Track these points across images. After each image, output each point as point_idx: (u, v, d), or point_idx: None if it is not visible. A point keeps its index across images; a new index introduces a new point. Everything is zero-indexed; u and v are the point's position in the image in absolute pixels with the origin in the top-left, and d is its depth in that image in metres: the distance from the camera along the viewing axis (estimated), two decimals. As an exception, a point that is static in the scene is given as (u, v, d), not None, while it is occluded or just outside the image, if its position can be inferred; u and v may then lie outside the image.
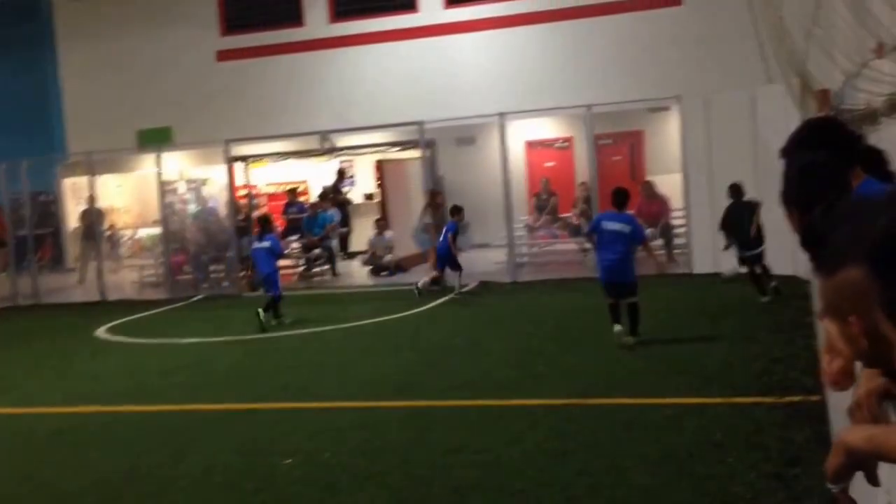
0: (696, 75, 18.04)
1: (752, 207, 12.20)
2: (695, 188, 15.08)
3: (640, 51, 19.56)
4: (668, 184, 16.42)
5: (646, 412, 7.48)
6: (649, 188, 16.81)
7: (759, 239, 12.18)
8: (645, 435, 6.83)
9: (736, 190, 12.52)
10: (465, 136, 19.37)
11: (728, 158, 14.60)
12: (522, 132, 19.92)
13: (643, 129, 20.24)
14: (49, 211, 23.80)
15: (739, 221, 12.22)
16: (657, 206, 16.35)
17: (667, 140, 18.34)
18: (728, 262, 13.70)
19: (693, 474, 5.91)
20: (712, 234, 14.85)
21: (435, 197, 16.30)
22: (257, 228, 13.86)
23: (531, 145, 21.00)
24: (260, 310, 12.64)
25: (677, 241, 16.32)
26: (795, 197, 2.95)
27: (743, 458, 6.14)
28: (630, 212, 10.80)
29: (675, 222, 16.36)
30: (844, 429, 1.87)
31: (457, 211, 14.86)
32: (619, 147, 20.32)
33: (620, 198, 10.16)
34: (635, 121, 19.58)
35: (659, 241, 16.47)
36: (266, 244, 13.09)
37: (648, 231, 15.97)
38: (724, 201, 14.63)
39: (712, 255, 14.85)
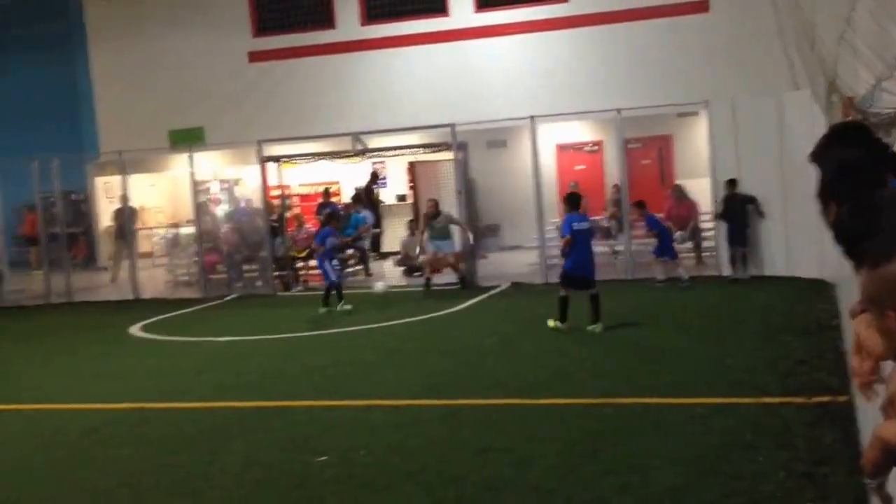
0: (724, 81, 18.11)
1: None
2: (722, 193, 15.12)
3: (669, 56, 19.67)
4: (697, 188, 16.48)
5: (674, 412, 7.51)
6: (679, 191, 16.86)
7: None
8: (674, 435, 6.86)
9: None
10: (497, 138, 19.51)
11: (755, 163, 14.69)
12: (553, 135, 20.03)
13: (672, 133, 20.32)
14: (81, 210, 24.16)
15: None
16: (686, 208, 16.40)
17: (695, 144, 18.39)
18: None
19: (722, 473, 5.93)
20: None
21: (436, 206, 16.52)
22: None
23: (562, 148, 21.12)
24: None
25: (706, 244, 16.38)
26: (834, 192, 2.95)
27: (772, 457, 6.14)
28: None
29: (704, 225, 16.41)
30: (881, 424, 1.90)
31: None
32: (649, 151, 20.40)
33: (578, 199, 11.75)
34: (664, 125, 19.65)
35: (688, 244, 16.57)
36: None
37: (678, 234, 16.08)
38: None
39: (742, 258, 14.95)
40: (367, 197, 20.23)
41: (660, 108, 16.99)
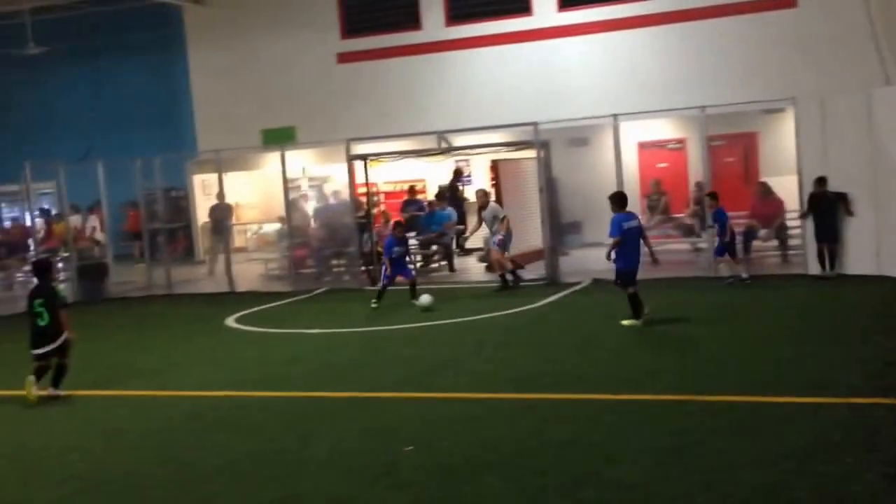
0: (812, 77, 17.91)
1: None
2: (810, 190, 15.00)
3: (755, 52, 19.51)
4: (782, 186, 16.34)
5: (761, 410, 7.45)
6: (765, 188, 16.77)
7: None
8: (760, 433, 6.83)
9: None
10: (579, 136, 19.62)
11: (844, 160, 14.52)
12: (635, 133, 20.04)
13: (757, 130, 20.12)
14: (180, 206, 25.13)
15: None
16: (772, 206, 16.29)
17: (781, 142, 18.20)
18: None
19: (809, 473, 5.90)
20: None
21: (485, 196, 16.61)
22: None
23: (643, 146, 21.11)
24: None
25: (792, 241, 16.26)
26: None
27: (861, 458, 6.10)
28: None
29: (790, 223, 16.29)
30: None
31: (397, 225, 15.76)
32: (733, 148, 20.23)
33: (624, 199, 11.79)
34: (749, 122, 19.47)
35: (774, 242, 16.47)
36: None
37: (763, 231, 16.02)
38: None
39: (829, 256, 14.82)
40: (451, 194, 20.55)
41: (745, 105, 16.87)
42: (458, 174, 21.29)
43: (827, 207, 14.50)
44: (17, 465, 7.43)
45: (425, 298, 14.06)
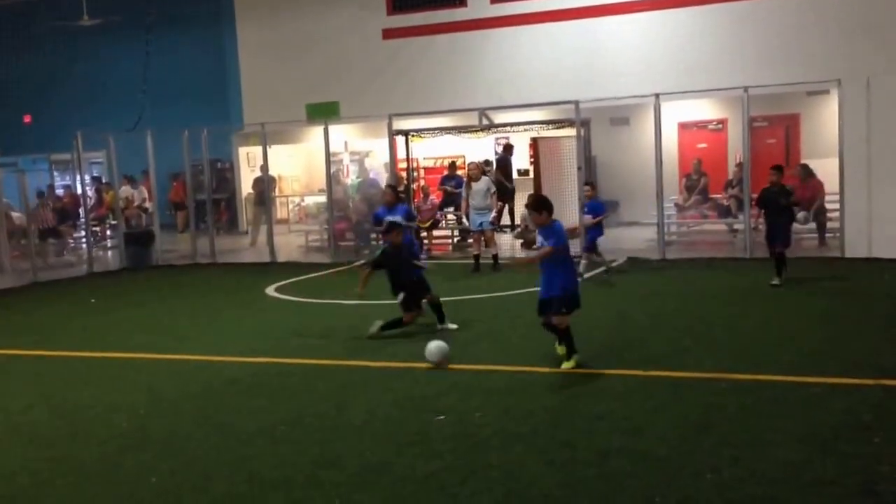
0: (857, 58, 17.72)
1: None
2: (851, 173, 14.93)
3: (799, 33, 19.33)
4: (824, 168, 16.26)
5: (792, 390, 7.47)
6: (805, 170, 16.71)
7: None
8: (790, 412, 6.87)
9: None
10: (619, 116, 19.62)
11: (888, 144, 14.42)
12: (675, 113, 19.98)
13: (799, 112, 19.97)
14: (225, 177, 25.57)
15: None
16: (812, 188, 16.25)
17: (824, 124, 18.09)
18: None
19: (838, 452, 5.92)
20: (867, 219, 14.76)
21: (478, 169, 16.52)
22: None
23: (684, 126, 21.04)
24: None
25: (830, 224, 16.20)
26: None
27: (891, 439, 6.13)
28: None
29: (829, 206, 16.23)
30: None
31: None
32: (774, 130, 20.12)
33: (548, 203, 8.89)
34: (792, 104, 19.34)
35: (811, 225, 16.42)
36: None
37: (801, 214, 15.95)
38: (883, 187, 14.47)
39: (866, 240, 14.78)
40: (501, 169, 20.52)
41: (789, 86, 16.77)
42: (508, 149, 21.22)
43: (784, 204, 12.72)
44: (65, 423, 7.74)
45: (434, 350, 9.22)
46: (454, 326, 10.74)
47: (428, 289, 10.99)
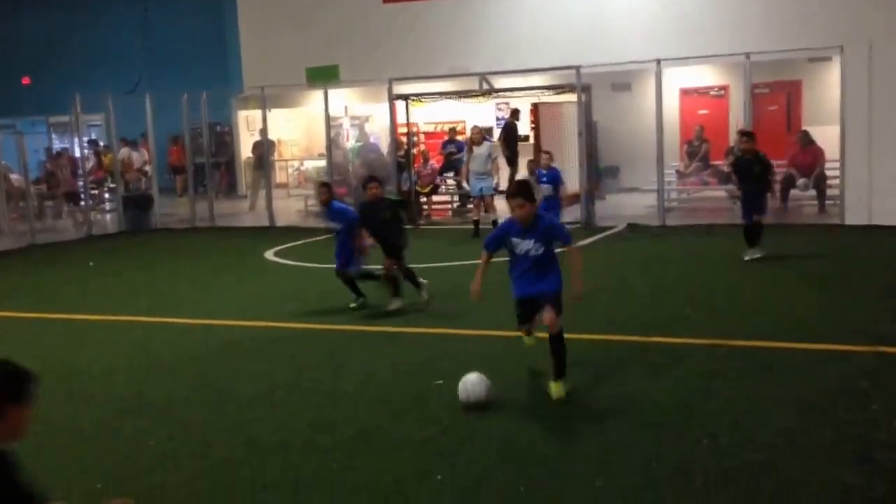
0: (859, 25, 17.53)
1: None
2: (852, 140, 14.88)
3: (801, -1, 19.14)
4: (825, 135, 16.21)
5: (789, 356, 7.48)
6: (805, 137, 16.66)
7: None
8: (788, 378, 6.88)
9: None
10: (621, 81, 19.50)
11: (890, 110, 14.36)
12: (677, 79, 19.86)
13: (801, 78, 19.85)
14: (224, 141, 25.49)
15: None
16: (812, 155, 16.21)
17: (826, 90, 18.01)
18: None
19: (835, 419, 5.95)
20: (868, 187, 14.74)
21: (480, 134, 16.36)
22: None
23: (685, 93, 20.92)
24: None
25: (830, 192, 16.18)
26: None
27: (888, 406, 6.12)
28: None
29: (829, 173, 16.20)
30: None
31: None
32: (776, 96, 20.01)
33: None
34: (794, 70, 19.22)
35: (811, 192, 16.40)
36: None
37: (801, 181, 15.94)
38: (884, 154, 14.42)
39: (866, 208, 14.76)
40: (507, 134, 20.38)
41: (791, 52, 16.65)
42: (515, 114, 21.00)
43: (758, 171, 11.98)
44: (63, 386, 7.74)
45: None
46: (398, 305, 10.03)
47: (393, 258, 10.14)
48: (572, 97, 17.11)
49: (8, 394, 3.12)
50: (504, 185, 20.01)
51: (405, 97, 18.42)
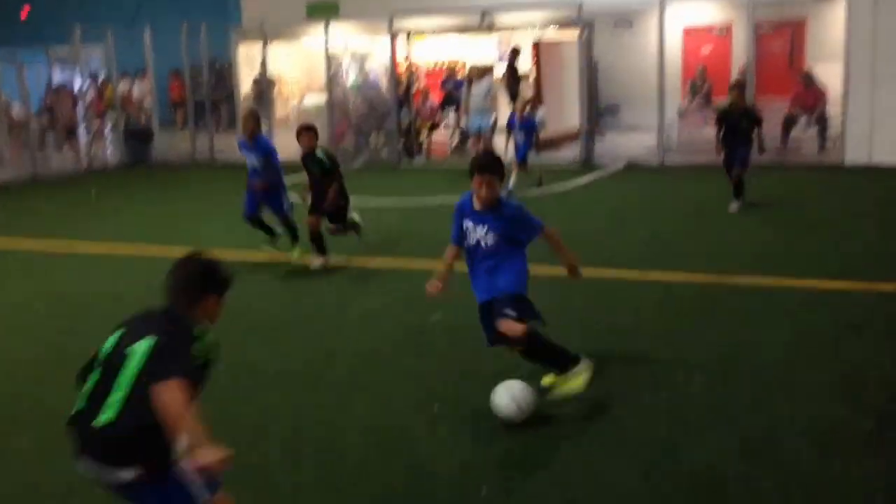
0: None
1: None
2: (856, 78, 14.80)
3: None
4: (827, 73, 16.10)
5: (785, 294, 7.54)
6: (808, 77, 16.56)
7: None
8: (782, 314, 6.96)
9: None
10: (623, 18, 19.26)
11: (894, 46, 14.26)
12: (681, 17, 19.60)
13: (806, 16, 19.60)
14: (224, 77, 25.19)
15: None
16: (814, 95, 16.13)
17: (830, 28, 17.79)
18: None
19: (828, 354, 6.04)
20: (869, 125, 14.71)
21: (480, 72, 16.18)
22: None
23: (689, 32, 20.65)
24: None
25: (831, 132, 16.14)
26: None
27: (881, 342, 6.24)
28: None
29: (831, 112, 16.14)
30: None
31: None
32: (780, 35, 19.77)
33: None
34: (799, 8, 18.96)
35: (812, 131, 16.36)
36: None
37: (803, 118, 15.88)
38: (886, 91, 14.31)
39: (867, 147, 14.76)
40: (509, 74, 20.18)
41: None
42: (515, 53, 20.78)
43: (745, 127, 11.38)
44: (65, 317, 7.86)
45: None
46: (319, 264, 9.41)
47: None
48: (575, 34, 16.93)
49: (205, 284, 3.54)
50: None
51: (406, 32, 18.24)
